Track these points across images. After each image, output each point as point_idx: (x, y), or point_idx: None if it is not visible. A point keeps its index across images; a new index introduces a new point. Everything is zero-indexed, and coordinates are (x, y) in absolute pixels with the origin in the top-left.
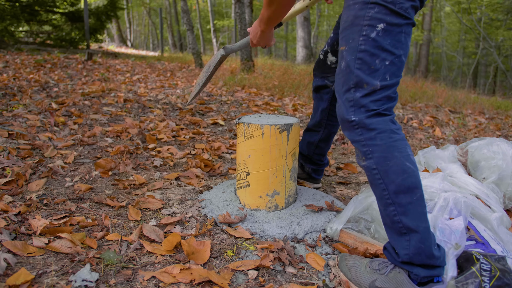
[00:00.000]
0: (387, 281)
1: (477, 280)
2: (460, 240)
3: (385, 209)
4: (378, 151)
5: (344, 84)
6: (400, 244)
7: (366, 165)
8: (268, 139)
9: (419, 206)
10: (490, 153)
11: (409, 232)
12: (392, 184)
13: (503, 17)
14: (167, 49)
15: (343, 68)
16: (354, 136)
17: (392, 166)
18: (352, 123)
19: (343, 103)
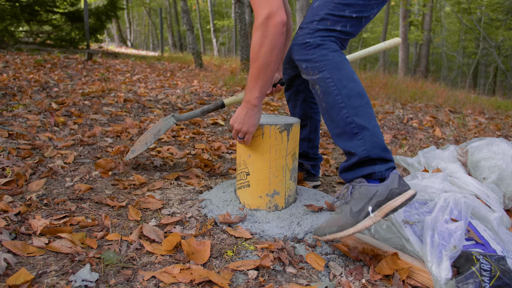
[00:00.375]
0: (357, 200)
1: (477, 280)
2: (458, 243)
3: (338, 114)
4: (331, 64)
5: (309, 17)
6: (355, 144)
7: (320, 76)
8: (268, 139)
9: (368, 108)
10: (490, 153)
11: (361, 130)
12: (345, 89)
13: (503, 17)
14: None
15: (316, 6)
16: (307, 55)
17: (344, 75)
18: (306, 44)
19: (302, 31)
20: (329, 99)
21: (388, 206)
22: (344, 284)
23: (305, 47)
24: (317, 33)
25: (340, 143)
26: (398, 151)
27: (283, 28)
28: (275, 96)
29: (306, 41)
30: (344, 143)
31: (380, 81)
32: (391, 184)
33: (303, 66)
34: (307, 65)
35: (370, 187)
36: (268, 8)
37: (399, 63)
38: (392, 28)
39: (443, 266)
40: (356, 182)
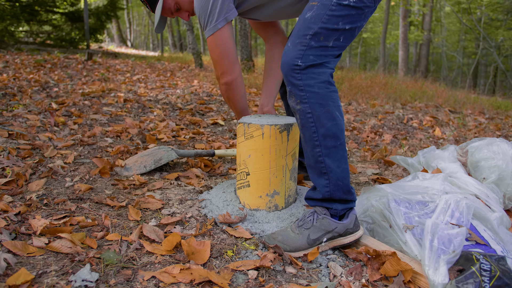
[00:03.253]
0: (317, 229)
1: (477, 280)
2: (458, 247)
3: (311, 150)
4: (315, 97)
5: (302, 30)
6: (321, 183)
7: (301, 108)
8: (268, 139)
9: (341, 150)
10: (490, 153)
11: (329, 172)
12: (323, 128)
13: (503, 17)
14: (167, 49)
15: (308, 18)
16: (293, 79)
17: (325, 112)
18: (296, 68)
19: (294, 46)
20: (306, 134)
21: (339, 241)
22: (344, 284)
23: (293, 70)
24: (309, 52)
25: (310, 174)
26: (398, 151)
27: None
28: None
29: (296, 63)
30: (313, 177)
31: (380, 81)
32: (349, 224)
33: (288, 88)
34: (292, 89)
35: (331, 222)
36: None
37: (399, 63)
38: (392, 28)
39: (440, 271)
40: (320, 211)
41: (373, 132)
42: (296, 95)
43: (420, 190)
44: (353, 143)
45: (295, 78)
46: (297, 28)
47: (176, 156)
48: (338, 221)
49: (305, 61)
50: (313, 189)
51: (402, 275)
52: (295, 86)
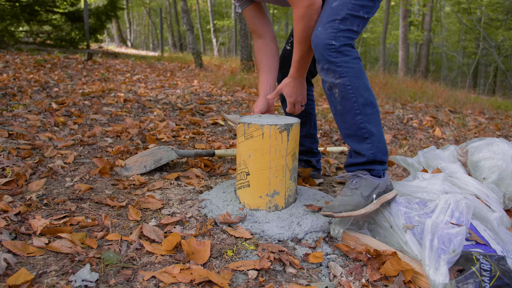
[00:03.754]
0: (366, 187)
1: (477, 280)
2: (458, 247)
3: (353, 119)
4: (352, 71)
5: (331, 16)
6: (364, 147)
7: (340, 82)
8: (268, 139)
9: (378, 116)
10: (490, 153)
11: (370, 136)
12: (361, 97)
13: (503, 17)
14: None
15: (335, 5)
16: (330, 57)
17: (361, 84)
18: (331, 46)
19: (325, 30)
20: (346, 104)
21: (384, 198)
22: (344, 284)
23: (329, 49)
24: (340, 34)
25: (350, 143)
26: (398, 151)
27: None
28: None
29: (331, 43)
30: (354, 144)
31: (380, 81)
32: (386, 181)
33: (325, 66)
34: (329, 66)
35: (374, 179)
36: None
37: (399, 63)
38: (392, 28)
39: (440, 271)
40: (360, 173)
41: None
42: (335, 71)
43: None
44: None
45: (331, 56)
46: (325, 15)
47: (176, 156)
48: (378, 178)
49: (338, 41)
50: (353, 156)
51: (402, 275)
52: (332, 63)
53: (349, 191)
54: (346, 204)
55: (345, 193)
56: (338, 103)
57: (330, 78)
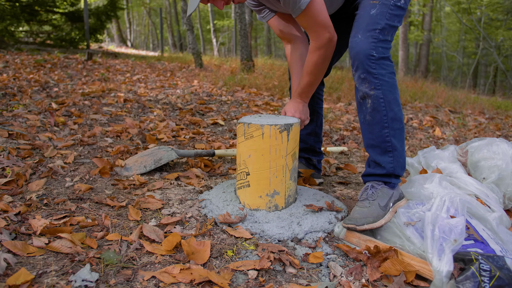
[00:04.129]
0: (382, 197)
1: (476, 280)
2: (459, 236)
3: (380, 131)
4: (387, 85)
5: (370, 25)
6: (385, 160)
7: (374, 94)
8: (268, 139)
9: (403, 132)
10: (490, 153)
11: (393, 150)
12: (392, 112)
13: (503, 17)
14: (167, 49)
15: (374, 14)
16: (369, 68)
17: (393, 99)
18: (372, 57)
19: (366, 39)
20: (376, 116)
21: (397, 205)
22: (344, 284)
23: (369, 59)
24: (379, 44)
25: (372, 153)
26: None
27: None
28: (275, 96)
29: (372, 54)
30: (376, 155)
31: None
32: (399, 189)
33: (362, 75)
34: (367, 76)
35: (389, 190)
36: (328, 33)
37: (399, 63)
38: None
39: (445, 259)
40: (375, 183)
41: None
42: (371, 82)
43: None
44: (353, 143)
45: (370, 67)
46: (364, 22)
47: (176, 156)
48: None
49: (378, 52)
50: (372, 167)
51: (403, 275)
52: (370, 74)
53: (367, 203)
54: (367, 217)
55: (363, 205)
56: (368, 113)
57: (365, 88)
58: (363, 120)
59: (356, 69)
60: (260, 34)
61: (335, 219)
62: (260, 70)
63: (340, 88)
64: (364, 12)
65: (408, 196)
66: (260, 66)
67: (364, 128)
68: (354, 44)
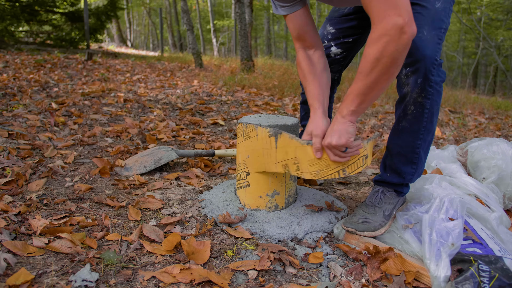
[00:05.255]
0: (388, 205)
1: (476, 281)
2: (456, 240)
3: (412, 141)
4: (436, 96)
5: (436, 21)
6: (408, 170)
7: (422, 102)
8: (261, 141)
9: (430, 145)
10: (490, 153)
11: (418, 162)
12: (430, 124)
13: (503, 17)
14: (167, 49)
15: (440, 9)
16: (429, 73)
17: (436, 111)
18: (435, 62)
19: (431, 38)
20: (414, 125)
21: (399, 209)
22: (344, 284)
23: (433, 64)
24: (440, 47)
25: (395, 160)
26: None
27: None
28: (275, 96)
29: (436, 59)
30: (399, 163)
31: None
32: (404, 196)
33: (418, 80)
34: (422, 82)
35: (395, 197)
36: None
37: None
38: None
39: (442, 264)
40: (385, 189)
41: (373, 132)
42: (424, 89)
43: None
44: None
45: (431, 73)
46: (430, 16)
47: (176, 156)
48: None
49: (439, 57)
50: (390, 173)
51: (404, 275)
52: (428, 80)
53: (372, 209)
54: (368, 224)
55: (368, 210)
56: (406, 120)
57: (415, 94)
58: (397, 125)
59: (414, 70)
60: (260, 34)
61: (335, 219)
62: (260, 70)
63: (340, 88)
64: (428, 3)
65: (408, 197)
66: (260, 66)
67: (395, 133)
68: (420, 41)
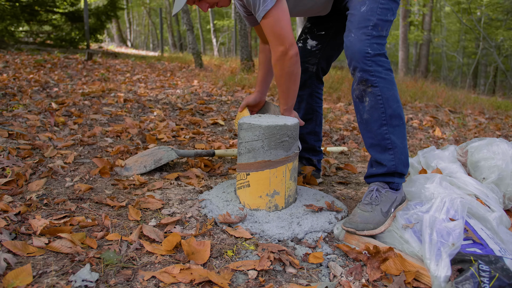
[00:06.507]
0: (385, 202)
1: (476, 281)
2: (457, 240)
3: (378, 129)
4: (384, 82)
5: (362, 22)
6: (386, 158)
7: (372, 91)
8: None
9: (403, 129)
10: (490, 153)
11: (393, 147)
12: (390, 109)
13: (503, 17)
14: (167, 49)
15: (365, 11)
16: (365, 66)
17: (391, 95)
18: (367, 55)
19: (359, 37)
20: (374, 114)
21: (398, 208)
22: (344, 284)
23: (364, 57)
24: (373, 40)
25: (372, 152)
26: None
27: (296, 58)
28: (275, 96)
29: (367, 51)
30: (376, 154)
31: None
32: (402, 193)
33: (359, 74)
34: (363, 75)
35: (393, 193)
36: (282, 46)
37: (399, 63)
38: (392, 28)
39: (442, 264)
40: (380, 186)
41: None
42: (367, 80)
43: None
44: (353, 143)
45: (366, 65)
46: (355, 21)
47: (176, 156)
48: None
49: (373, 49)
50: (374, 166)
51: (404, 275)
52: (366, 72)
53: (369, 207)
54: (367, 222)
55: (365, 208)
56: (366, 112)
57: (362, 86)
58: (360, 120)
59: (353, 68)
60: None
61: (335, 219)
62: None
63: (340, 88)
64: (354, 10)
65: (409, 196)
66: None
67: (363, 128)
68: (348, 43)
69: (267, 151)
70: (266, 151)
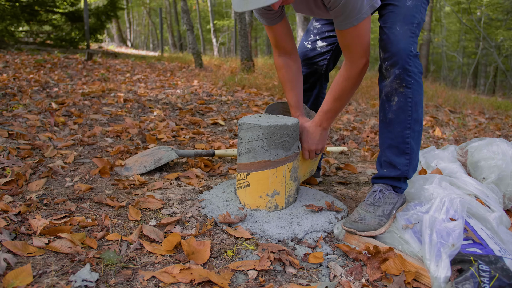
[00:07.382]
0: (388, 204)
1: (476, 281)
2: (456, 241)
3: (401, 131)
4: (416, 85)
5: (408, 18)
6: (402, 162)
7: (404, 92)
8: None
9: (421, 135)
10: (490, 153)
11: (411, 152)
12: (416, 113)
13: (503, 17)
14: (167, 49)
15: (411, 6)
16: (406, 64)
17: (420, 100)
18: (410, 54)
19: (405, 33)
20: (400, 116)
21: (399, 210)
22: (344, 284)
23: (408, 55)
24: (415, 39)
25: (388, 153)
26: None
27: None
28: (275, 96)
29: (411, 50)
30: (392, 156)
31: None
32: (403, 195)
33: (397, 71)
34: (401, 73)
35: (395, 195)
36: (365, 58)
37: None
38: None
39: (442, 265)
40: (384, 188)
41: (373, 132)
42: (404, 79)
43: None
44: (353, 143)
45: (407, 64)
46: (401, 14)
47: (176, 156)
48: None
49: (414, 49)
50: (385, 168)
51: (404, 275)
52: (406, 71)
53: (371, 208)
54: (368, 223)
55: (367, 209)
56: (392, 111)
57: (396, 85)
58: (383, 118)
59: (392, 63)
60: (260, 34)
61: (335, 219)
62: (260, 70)
63: None
64: (399, 2)
65: (409, 197)
66: (260, 66)
67: (383, 126)
68: (393, 36)
69: (267, 151)
70: (266, 151)
